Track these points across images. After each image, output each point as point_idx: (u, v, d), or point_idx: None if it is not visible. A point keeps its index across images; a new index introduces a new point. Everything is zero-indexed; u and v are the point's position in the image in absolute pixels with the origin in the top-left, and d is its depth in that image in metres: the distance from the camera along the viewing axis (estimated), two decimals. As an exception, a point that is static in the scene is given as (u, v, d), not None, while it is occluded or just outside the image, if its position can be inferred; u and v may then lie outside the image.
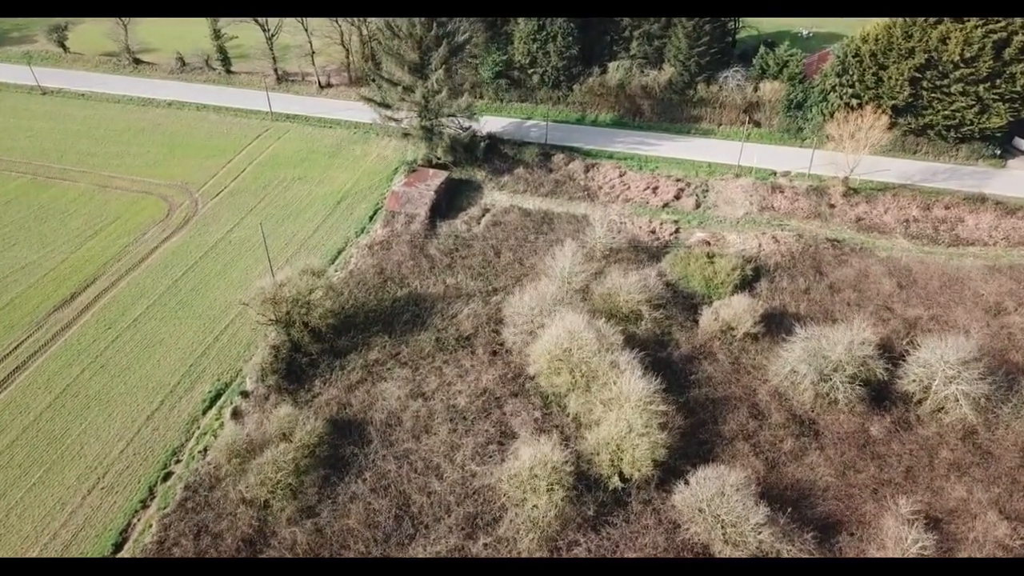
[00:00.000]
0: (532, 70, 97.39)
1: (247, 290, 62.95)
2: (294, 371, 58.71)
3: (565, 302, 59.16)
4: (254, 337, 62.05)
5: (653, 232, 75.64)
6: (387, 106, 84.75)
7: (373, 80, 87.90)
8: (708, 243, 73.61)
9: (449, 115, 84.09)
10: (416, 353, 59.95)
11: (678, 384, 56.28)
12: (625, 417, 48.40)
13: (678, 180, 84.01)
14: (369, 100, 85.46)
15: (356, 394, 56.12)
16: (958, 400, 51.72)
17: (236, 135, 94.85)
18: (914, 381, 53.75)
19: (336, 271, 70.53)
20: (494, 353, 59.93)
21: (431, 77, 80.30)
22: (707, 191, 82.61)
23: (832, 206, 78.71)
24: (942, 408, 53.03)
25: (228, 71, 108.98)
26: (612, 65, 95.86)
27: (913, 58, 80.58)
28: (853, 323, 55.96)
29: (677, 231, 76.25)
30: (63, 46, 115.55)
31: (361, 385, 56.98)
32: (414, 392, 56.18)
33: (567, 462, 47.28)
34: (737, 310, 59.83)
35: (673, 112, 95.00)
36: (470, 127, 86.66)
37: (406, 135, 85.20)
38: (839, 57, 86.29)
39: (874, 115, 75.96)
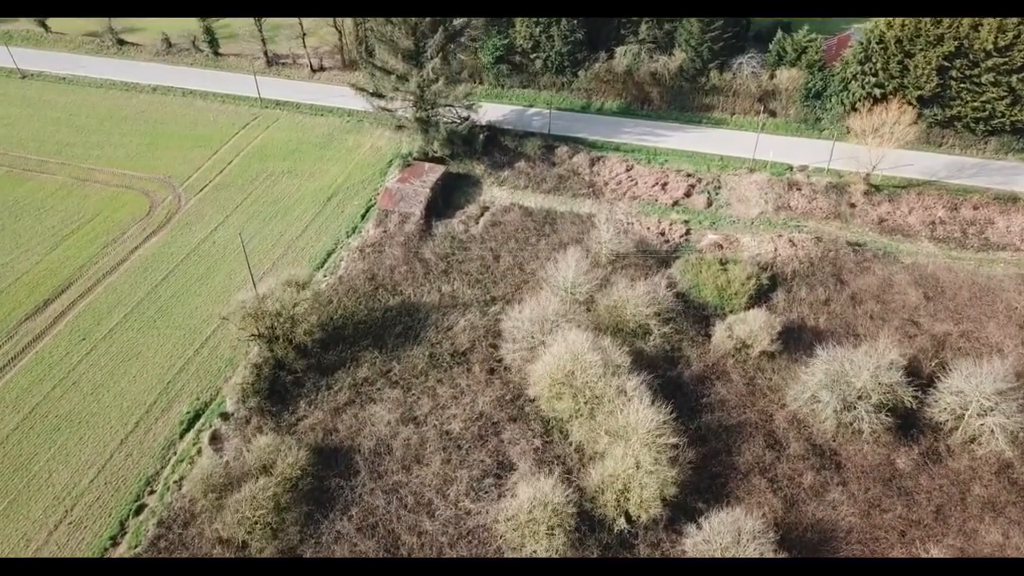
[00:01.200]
0: (535, 55, 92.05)
1: (229, 300, 59.10)
2: (277, 390, 54.84)
3: (568, 316, 55.08)
4: (235, 354, 58.03)
5: (662, 234, 71.11)
6: (380, 96, 79.73)
7: (365, 67, 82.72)
8: (720, 246, 69.13)
9: (446, 105, 79.08)
10: (408, 371, 55.98)
11: (689, 408, 52.38)
12: (632, 452, 44.64)
13: (689, 175, 79.16)
14: (360, 89, 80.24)
15: (343, 418, 52.29)
16: (993, 432, 47.77)
17: (223, 123, 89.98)
18: (945, 409, 49.76)
19: (325, 276, 66.38)
20: (491, 371, 56.00)
21: (427, 65, 75.20)
22: (719, 188, 77.84)
23: (853, 205, 73.98)
24: (974, 439, 49.13)
25: (216, 53, 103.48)
26: (620, 50, 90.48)
27: (942, 46, 75.24)
28: (878, 341, 51.86)
29: (688, 232, 71.73)
30: (44, 25, 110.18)
31: (349, 408, 53.11)
32: (405, 416, 52.31)
33: (569, 502, 43.68)
34: (752, 326, 55.63)
35: (684, 100, 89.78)
36: (468, 117, 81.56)
37: (400, 127, 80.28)
38: (862, 44, 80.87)
39: (899, 109, 70.94)
